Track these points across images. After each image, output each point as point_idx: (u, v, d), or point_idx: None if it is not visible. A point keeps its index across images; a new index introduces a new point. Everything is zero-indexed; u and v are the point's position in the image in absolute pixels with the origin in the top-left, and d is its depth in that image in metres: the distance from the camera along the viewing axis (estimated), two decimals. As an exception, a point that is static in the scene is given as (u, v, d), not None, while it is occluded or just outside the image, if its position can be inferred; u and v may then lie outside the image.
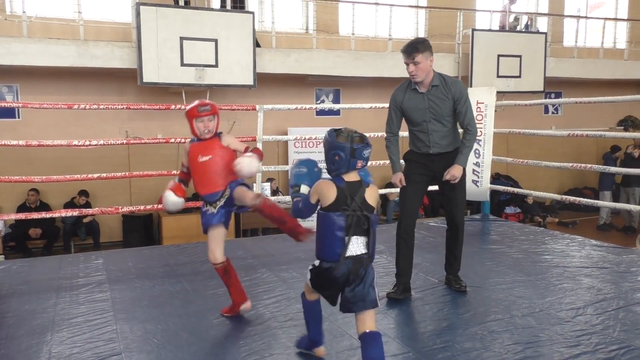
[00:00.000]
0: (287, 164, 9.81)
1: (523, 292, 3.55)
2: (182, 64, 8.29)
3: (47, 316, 3.20)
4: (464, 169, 3.52)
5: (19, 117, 8.79)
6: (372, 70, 9.89)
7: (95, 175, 5.07)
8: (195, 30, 8.35)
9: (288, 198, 6.05)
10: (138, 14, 8.01)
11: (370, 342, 2.30)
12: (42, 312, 3.27)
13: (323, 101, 10.70)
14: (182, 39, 8.25)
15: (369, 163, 2.46)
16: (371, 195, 2.38)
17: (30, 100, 7.90)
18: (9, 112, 8.70)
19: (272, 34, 9.31)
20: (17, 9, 8.40)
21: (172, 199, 3.14)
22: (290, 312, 3.22)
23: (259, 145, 5.27)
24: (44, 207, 8.36)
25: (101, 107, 4.95)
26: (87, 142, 4.87)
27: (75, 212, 5.36)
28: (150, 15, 8.07)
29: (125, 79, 8.83)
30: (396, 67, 9.88)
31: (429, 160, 3.53)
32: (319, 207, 2.38)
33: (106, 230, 9.06)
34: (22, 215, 5.14)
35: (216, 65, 8.49)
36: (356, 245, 2.33)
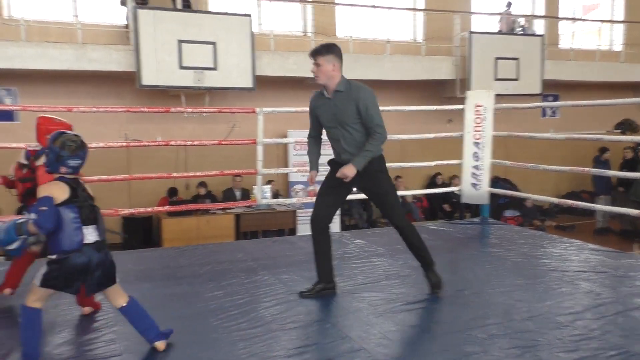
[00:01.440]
0: (287, 166, 9.81)
1: (522, 296, 3.56)
2: (181, 67, 8.29)
3: (48, 317, 3.18)
4: (387, 177, 3.55)
5: (18, 120, 8.79)
6: (370, 73, 9.88)
7: (95, 178, 5.07)
8: (194, 33, 8.36)
9: (289, 201, 6.09)
10: (135, 17, 8.02)
11: (133, 309, 2.72)
12: (43, 313, 3.27)
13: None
14: (180, 41, 8.26)
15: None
16: (88, 187, 2.70)
17: (29, 104, 7.90)
18: (8, 115, 8.69)
19: (270, 36, 9.33)
20: (15, 13, 8.40)
21: None
22: (291, 315, 3.22)
23: (259, 149, 5.28)
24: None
25: (101, 110, 4.97)
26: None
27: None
28: (148, 18, 8.08)
29: (123, 82, 8.83)
30: (394, 70, 9.92)
31: (340, 167, 3.43)
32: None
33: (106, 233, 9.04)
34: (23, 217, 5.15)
35: (215, 68, 8.50)
36: (91, 233, 2.60)
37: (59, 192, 2.54)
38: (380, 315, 3.22)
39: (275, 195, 9.69)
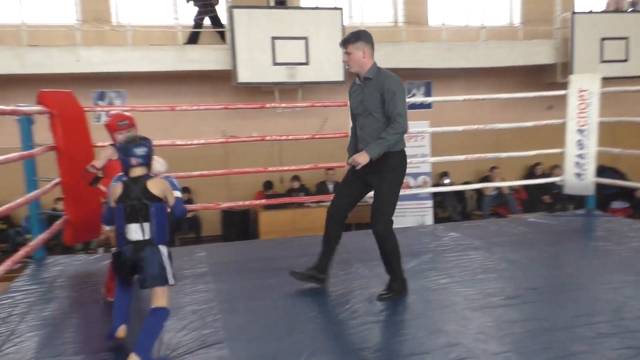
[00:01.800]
0: (377, 159, 9.76)
1: (634, 293, 3.32)
2: (274, 63, 8.51)
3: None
4: (393, 171, 3.38)
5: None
6: (464, 61, 9.61)
7: (197, 173, 5.34)
8: (286, 30, 8.54)
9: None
10: (231, 17, 8.32)
11: (151, 314, 2.64)
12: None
13: (414, 95, 10.56)
14: (273, 38, 8.48)
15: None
16: (155, 186, 2.66)
17: (135, 104, 8.46)
18: (118, 115, 9.34)
19: (361, 28, 9.30)
20: (123, 19, 9.00)
21: None
22: (386, 308, 3.23)
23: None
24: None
25: (201, 108, 5.22)
26: (189, 142, 5.14)
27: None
28: (243, 17, 8.36)
29: (221, 80, 9.20)
30: (490, 57, 9.56)
31: None
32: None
33: (207, 225, 9.51)
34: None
35: (307, 63, 8.64)
36: (134, 232, 2.62)
37: (115, 191, 2.69)
38: (477, 310, 3.14)
39: (368, 187, 9.69)
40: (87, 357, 2.67)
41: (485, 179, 10.06)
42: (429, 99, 7.64)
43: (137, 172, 2.69)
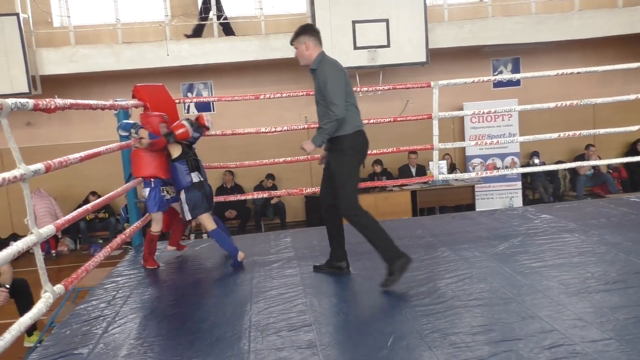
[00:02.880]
0: (463, 139, 9.51)
1: None
2: (355, 47, 8.48)
3: (246, 288, 3.54)
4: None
5: (213, 110, 9.79)
6: (555, 34, 9.08)
7: (281, 160, 5.44)
8: (366, 13, 8.47)
9: (467, 175, 5.90)
10: (312, 3, 8.35)
11: (217, 235, 4.06)
12: (242, 285, 3.63)
13: (501, 72, 10.13)
14: (354, 22, 8.43)
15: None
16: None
17: (222, 94, 8.74)
18: (206, 106, 9.73)
19: (444, 7, 9.04)
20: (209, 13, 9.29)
21: None
22: (474, 292, 3.15)
23: (435, 123, 5.18)
24: (238, 189, 9.24)
25: (284, 95, 5.28)
26: (273, 129, 5.24)
27: (264, 194, 5.82)
28: (324, 2, 8.37)
29: (302, 67, 9.24)
30: (584, 27, 8.97)
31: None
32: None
33: (291, 211, 9.70)
34: (221, 198, 5.77)
35: (388, 45, 8.52)
36: (196, 176, 4.06)
37: (175, 151, 4.02)
38: (573, 295, 2.98)
39: (452, 169, 9.47)
40: (184, 338, 2.81)
41: (580, 158, 9.50)
42: (517, 75, 7.27)
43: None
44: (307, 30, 3.53)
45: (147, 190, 4.08)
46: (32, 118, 9.33)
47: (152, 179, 4.06)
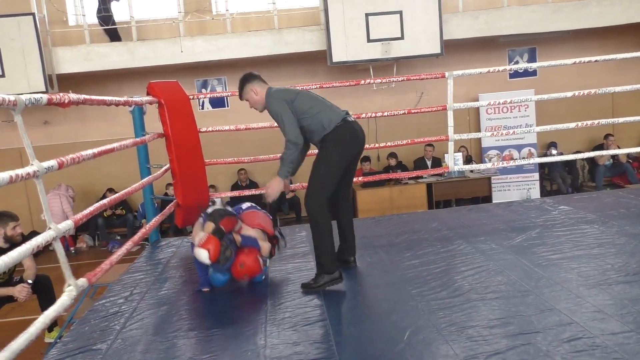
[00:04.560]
0: (479, 131, 9.42)
1: None
2: (369, 40, 8.43)
3: (262, 283, 3.55)
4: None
5: (228, 106, 9.82)
6: (573, 23, 8.94)
7: (295, 154, 5.43)
8: (379, 5, 8.41)
9: (483, 167, 5.86)
10: (325, -4, 8.32)
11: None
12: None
13: (517, 62, 10.01)
14: (367, 15, 8.38)
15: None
16: None
17: (236, 90, 8.73)
18: (220, 102, 9.77)
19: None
20: (222, 8, 9.31)
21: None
22: (491, 284, 3.12)
23: (450, 114, 5.13)
24: (253, 185, 9.26)
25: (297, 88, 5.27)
26: (286, 124, 5.23)
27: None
28: (336, -4, 8.33)
29: (316, 61, 9.26)
30: (603, 15, 8.82)
31: None
32: None
33: (307, 205, 9.69)
34: (235, 193, 5.79)
35: (402, 38, 8.46)
36: None
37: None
38: (593, 287, 2.94)
39: (468, 160, 9.40)
40: (201, 333, 2.83)
41: (599, 147, 9.36)
42: (533, 65, 7.15)
43: None
44: (248, 79, 3.53)
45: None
46: (49, 117, 9.45)
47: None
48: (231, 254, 3.33)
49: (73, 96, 2.75)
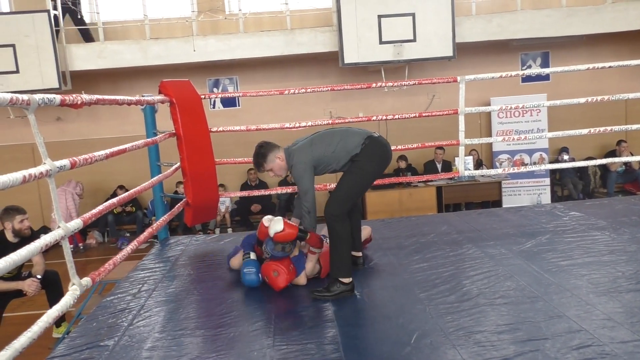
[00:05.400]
0: (490, 135, 9.39)
1: None
2: (381, 42, 8.42)
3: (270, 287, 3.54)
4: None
5: (239, 106, 9.85)
6: (587, 27, 8.87)
7: (305, 155, 5.43)
8: (392, 7, 8.40)
9: (493, 171, 5.85)
10: (337, -2, 8.32)
11: None
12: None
13: (530, 66, 9.95)
14: (379, 17, 8.37)
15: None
16: None
17: (248, 90, 8.77)
18: (232, 102, 9.80)
19: (471, 0, 8.91)
20: (234, 8, 9.34)
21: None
22: (500, 289, 3.10)
23: (461, 118, 5.11)
24: (263, 185, 9.27)
25: (309, 90, 5.27)
26: (297, 124, 5.23)
27: (289, 189, 5.82)
28: (349, -3, 8.33)
29: (328, 62, 9.27)
30: (618, 20, 8.76)
31: None
32: None
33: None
34: (245, 193, 5.81)
35: (414, 40, 8.44)
36: None
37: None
38: (602, 294, 2.91)
39: (479, 165, 9.36)
40: (208, 331, 2.83)
41: (612, 154, 9.29)
42: (546, 70, 7.07)
43: None
44: (270, 149, 3.44)
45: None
46: (62, 113, 9.52)
47: None
48: (290, 250, 3.36)
49: (86, 97, 2.77)
